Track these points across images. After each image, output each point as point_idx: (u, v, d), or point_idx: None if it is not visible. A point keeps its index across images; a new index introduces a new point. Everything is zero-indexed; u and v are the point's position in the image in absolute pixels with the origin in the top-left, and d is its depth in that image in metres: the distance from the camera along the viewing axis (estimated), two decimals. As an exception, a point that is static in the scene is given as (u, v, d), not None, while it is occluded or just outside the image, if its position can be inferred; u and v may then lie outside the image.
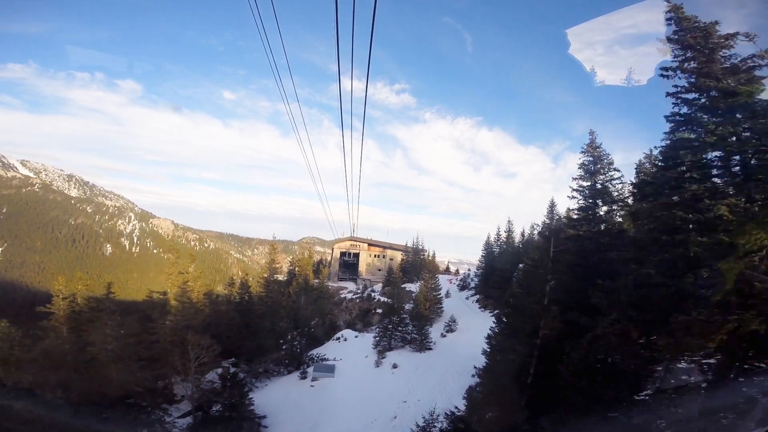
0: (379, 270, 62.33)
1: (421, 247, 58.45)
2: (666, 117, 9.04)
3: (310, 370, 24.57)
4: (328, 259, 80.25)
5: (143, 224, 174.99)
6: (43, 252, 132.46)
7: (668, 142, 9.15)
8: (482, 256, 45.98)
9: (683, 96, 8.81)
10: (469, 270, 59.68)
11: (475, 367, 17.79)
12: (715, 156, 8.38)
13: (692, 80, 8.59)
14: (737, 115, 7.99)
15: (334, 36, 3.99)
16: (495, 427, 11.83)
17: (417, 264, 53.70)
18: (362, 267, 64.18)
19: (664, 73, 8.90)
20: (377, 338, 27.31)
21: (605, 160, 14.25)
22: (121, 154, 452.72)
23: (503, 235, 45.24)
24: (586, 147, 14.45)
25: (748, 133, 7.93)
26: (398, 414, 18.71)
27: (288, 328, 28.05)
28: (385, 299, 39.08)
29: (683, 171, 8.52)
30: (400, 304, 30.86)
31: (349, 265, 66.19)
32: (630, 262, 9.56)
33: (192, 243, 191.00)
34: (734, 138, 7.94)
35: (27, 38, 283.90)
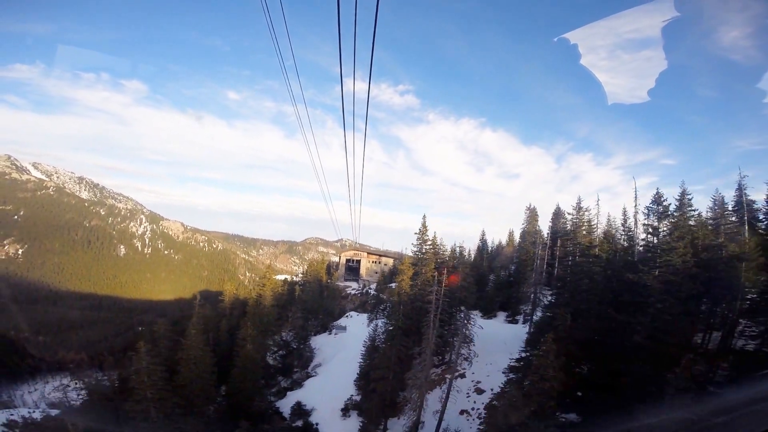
0: (376, 273, 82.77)
1: (405, 255, 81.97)
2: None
3: (334, 330, 49.01)
4: (335, 261, 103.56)
5: (154, 226, 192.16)
6: (61, 253, 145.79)
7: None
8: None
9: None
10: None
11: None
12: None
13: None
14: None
15: (337, 37, 4.28)
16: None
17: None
18: (363, 271, 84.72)
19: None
20: (369, 315, 51.56)
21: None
22: (126, 154, 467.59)
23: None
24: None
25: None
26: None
27: (318, 310, 52.42)
28: (376, 293, 63.04)
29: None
30: (384, 296, 54.71)
31: (352, 269, 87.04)
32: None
33: (201, 244, 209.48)
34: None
35: (34, 39, 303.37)
